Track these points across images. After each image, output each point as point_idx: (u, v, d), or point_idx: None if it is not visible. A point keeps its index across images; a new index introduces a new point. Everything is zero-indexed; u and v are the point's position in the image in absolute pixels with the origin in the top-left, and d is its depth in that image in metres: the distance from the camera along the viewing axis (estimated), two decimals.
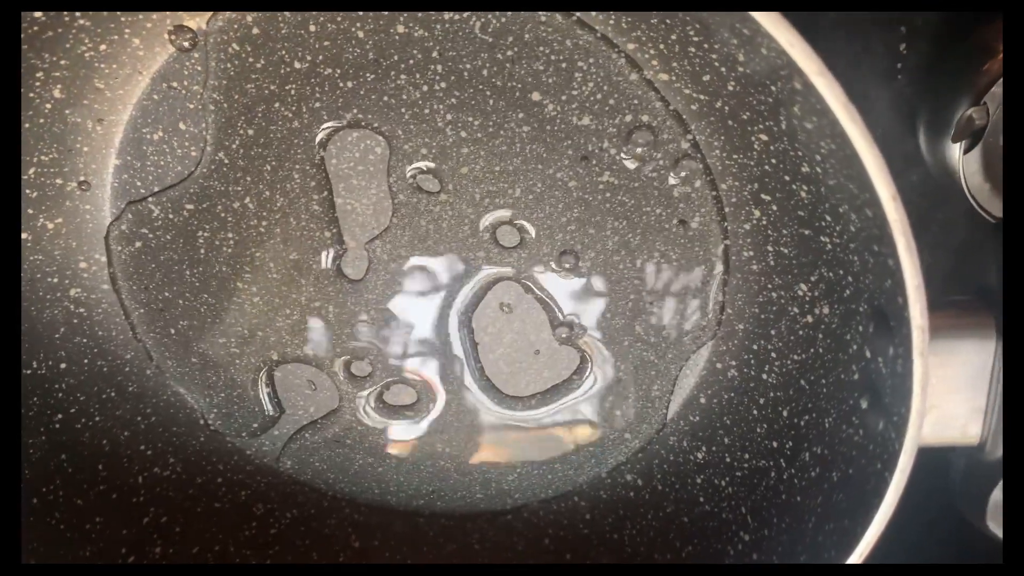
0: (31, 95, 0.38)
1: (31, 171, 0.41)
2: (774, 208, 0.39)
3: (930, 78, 0.50)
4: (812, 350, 0.40)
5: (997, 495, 0.39)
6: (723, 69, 0.35)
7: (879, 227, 0.30)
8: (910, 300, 0.29)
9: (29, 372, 0.43)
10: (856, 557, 0.34)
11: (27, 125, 0.39)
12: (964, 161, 0.46)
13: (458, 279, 0.45)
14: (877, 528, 0.33)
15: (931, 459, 0.36)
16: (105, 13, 0.37)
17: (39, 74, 0.38)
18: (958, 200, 0.47)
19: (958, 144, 0.47)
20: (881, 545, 0.33)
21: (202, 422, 0.48)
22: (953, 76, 0.48)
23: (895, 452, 0.32)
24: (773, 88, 0.32)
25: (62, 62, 0.38)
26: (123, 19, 0.38)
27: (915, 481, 0.32)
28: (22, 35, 0.35)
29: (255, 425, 0.48)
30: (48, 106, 0.39)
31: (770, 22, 0.26)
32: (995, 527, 0.39)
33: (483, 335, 0.46)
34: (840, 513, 0.36)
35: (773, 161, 0.37)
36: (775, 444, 0.42)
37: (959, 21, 0.48)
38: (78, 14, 0.36)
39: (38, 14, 0.35)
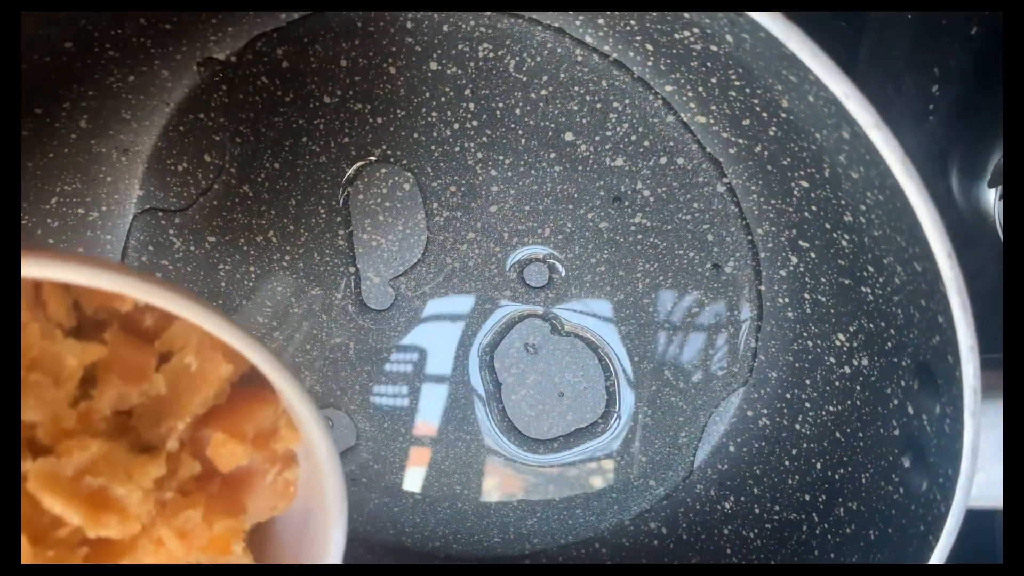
0: (56, 125, 0.38)
1: (53, 200, 0.40)
2: (812, 255, 0.38)
3: (963, 120, 0.49)
4: (849, 402, 0.38)
5: None
6: (764, 114, 0.34)
7: (928, 283, 0.29)
8: (963, 360, 0.28)
9: None
10: None
11: (51, 155, 0.39)
12: (1000, 206, 0.46)
13: (482, 318, 0.44)
14: None
15: (972, 520, 0.34)
16: (135, 43, 0.37)
17: (66, 104, 0.37)
18: (989, 243, 0.46)
19: (994, 189, 0.46)
20: None
21: None
22: (988, 119, 0.47)
23: (940, 515, 0.31)
24: (818, 135, 0.32)
25: (89, 92, 0.38)
26: (152, 50, 0.38)
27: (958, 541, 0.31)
28: (53, 65, 0.35)
29: None
30: (73, 136, 0.39)
31: (824, 71, 0.25)
32: None
33: (506, 375, 0.45)
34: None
35: (813, 208, 0.36)
36: (807, 497, 0.40)
37: (992, 63, 0.48)
38: (108, 45, 0.36)
39: (68, 44, 0.34)
